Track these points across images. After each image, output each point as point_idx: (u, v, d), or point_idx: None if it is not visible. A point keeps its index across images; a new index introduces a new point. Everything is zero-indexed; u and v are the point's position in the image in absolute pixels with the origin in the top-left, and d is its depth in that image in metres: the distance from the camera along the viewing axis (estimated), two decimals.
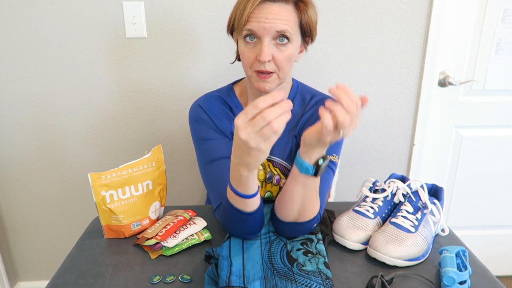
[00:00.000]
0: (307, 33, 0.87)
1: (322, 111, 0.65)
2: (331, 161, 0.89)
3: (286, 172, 0.98)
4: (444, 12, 1.36)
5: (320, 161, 0.73)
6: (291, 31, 0.82)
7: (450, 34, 1.43)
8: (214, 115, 0.96)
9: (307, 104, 0.98)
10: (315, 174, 0.74)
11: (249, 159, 0.66)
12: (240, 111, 0.88)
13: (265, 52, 0.81)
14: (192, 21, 1.35)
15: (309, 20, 0.85)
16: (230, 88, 1.01)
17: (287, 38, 0.82)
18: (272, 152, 0.96)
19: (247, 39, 0.83)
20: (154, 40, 1.37)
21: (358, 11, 1.36)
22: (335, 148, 0.91)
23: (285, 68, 0.85)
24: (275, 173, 0.97)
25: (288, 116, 0.61)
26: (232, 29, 0.88)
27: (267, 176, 0.98)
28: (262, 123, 0.60)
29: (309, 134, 0.71)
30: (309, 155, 0.73)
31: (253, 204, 0.76)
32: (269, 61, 0.82)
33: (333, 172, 0.91)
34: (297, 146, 0.97)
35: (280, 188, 0.98)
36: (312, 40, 0.91)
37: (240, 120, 0.62)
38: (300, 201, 0.78)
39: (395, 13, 1.37)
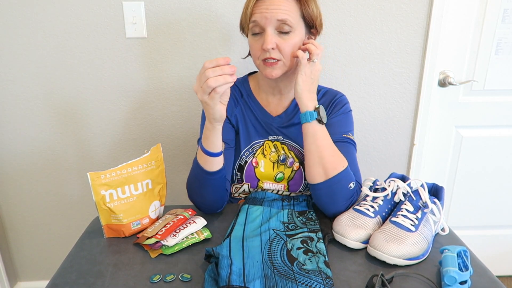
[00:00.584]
0: (311, 25, 0.94)
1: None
2: (348, 138, 0.99)
3: (300, 156, 1.04)
4: (444, 12, 1.36)
5: (317, 105, 0.90)
6: (292, 20, 0.89)
7: (450, 34, 1.43)
8: None
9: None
10: (319, 115, 0.89)
11: (205, 111, 0.82)
12: (251, 98, 1.06)
13: (268, 40, 0.88)
14: (192, 21, 1.35)
15: (311, 11, 0.92)
16: (245, 78, 1.11)
17: (289, 27, 0.88)
18: (286, 136, 1.04)
19: (254, 29, 0.91)
20: (154, 40, 1.37)
21: (358, 11, 1.36)
22: (349, 128, 1.01)
23: (290, 56, 0.92)
24: (289, 155, 1.03)
25: (229, 79, 0.74)
26: (243, 27, 0.97)
27: (280, 158, 1.03)
28: (203, 79, 0.75)
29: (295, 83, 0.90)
30: (306, 105, 0.89)
31: (213, 164, 0.88)
32: (273, 48, 0.90)
33: (353, 146, 1.00)
34: None
35: (293, 171, 1.05)
36: (318, 32, 0.97)
37: (197, 77, 0.77)
38: (317, 153, 0.89)
39: (395, 13, 1.37)
